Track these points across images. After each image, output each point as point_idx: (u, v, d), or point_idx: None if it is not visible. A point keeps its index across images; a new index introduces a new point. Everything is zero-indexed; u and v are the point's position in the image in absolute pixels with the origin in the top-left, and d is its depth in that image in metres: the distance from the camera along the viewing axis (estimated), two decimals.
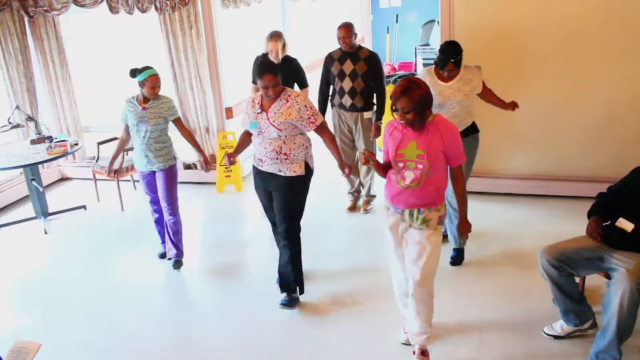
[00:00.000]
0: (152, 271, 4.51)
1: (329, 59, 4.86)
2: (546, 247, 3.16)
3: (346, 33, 4.66)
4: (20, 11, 5.99)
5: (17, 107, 5.82)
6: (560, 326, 3.26)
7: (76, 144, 5.50)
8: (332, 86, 4.90)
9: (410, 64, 8.71)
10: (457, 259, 4.22)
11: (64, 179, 6.84)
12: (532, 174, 5.19)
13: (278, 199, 3.71)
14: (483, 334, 3.38)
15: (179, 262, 4.46)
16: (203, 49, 5.80)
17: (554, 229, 4.49)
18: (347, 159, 4.93)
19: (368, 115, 4.88)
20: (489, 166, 5.07)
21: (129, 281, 4.40)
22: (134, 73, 4.17)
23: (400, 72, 7.48)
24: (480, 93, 4.11)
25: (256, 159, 3.75)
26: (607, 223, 3.13)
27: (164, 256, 4.60)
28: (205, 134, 6.11)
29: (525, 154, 5.14)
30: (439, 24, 5.13)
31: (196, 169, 6.31)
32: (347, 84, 4.76)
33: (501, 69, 4.84)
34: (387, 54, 9.60)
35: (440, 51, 3.94)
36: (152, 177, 4.38)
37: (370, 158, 3.03)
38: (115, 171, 5.54)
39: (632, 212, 3.00)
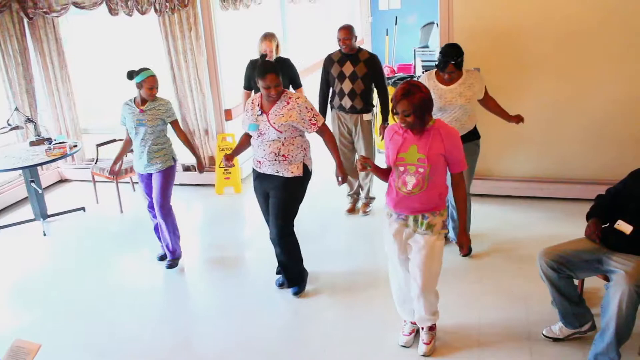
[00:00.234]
0: (151, 273, 4.51)
1: (329, 61, 4.86)
2: (545, 250, 3.16)
3: (346, 35, 4.66)
4: (20, 13, 5.99)
5: (16, 109, 5.82)
6: (559, 328, 3.26)
7: (75, 146, 5.49)
8: (331, 88, 4.90)
9: (410, 66, 8.70)
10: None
11: (63, 181, 6.83)
12: (531, 176, 5.19)
13: (273, 198, 3.72)
14: (482, 336, 3.38)
15: (174, 262, 4.49)
16: (202, 51, 5.80)
17: (553, 231, 4.50)
18: (346, 161, 4.94)
19: (368, 117, 4.88)
20: (489, 168, 5.07)
21: (128, 283, 4.39)
22: (131, 75, 4.17)
23: (400, 74, 7.47)
24: (482, 100, 4.10)
25: (255, 161, 3.76)
26: (606, 225, 3.13)
27: (163, 258, 4.60)
28: (205, 136, 6.12)
29: (524, 156, 5.14)
30: (438, 26, 5.14)
31: (195, 170, 6.31)
32: (346, 85, 4.76)
33: (500, 70, 4.85)
34: (386, 56, 9.60)
35: (441, 53, 3.95)
36: (150, 180, 4.39)
37: (366, 164, 3.04)
38: (116, 172, 5.54)
39: (631, 215, 3.00)
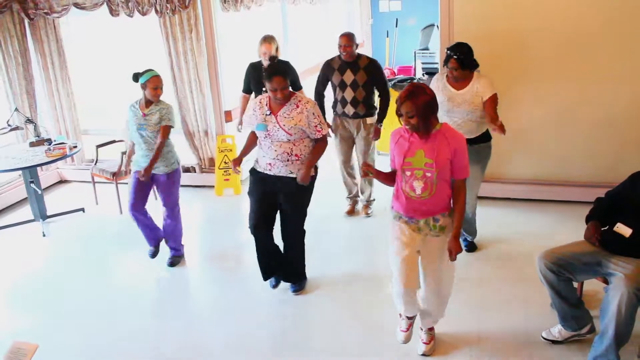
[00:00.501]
0: (151, 273, 4.51)
1: (328, 68, 4.83)
2: (544, 252, 3.16)
3: (347, 42, 4.63)
4: (21, 13, 6.00)
5: (16, 110, 5.82)
6: (558, 331, 3.26)
7: (75, 147, 5.49)
8: (333, 95, 4.88)
9: (410, 68, 8.72)
10: (470, 246, 4.41)
11: (62, 182, 6.83)
12: (530, 178, 5.19)
13: (291, 200, 3.74)
14: (481, 338, 3.38)
15: (175, 259, 4.53)
16: (203, 52, 5.81)
17: (552, 233, 4.50)
18: (345, 155, 5.04)
19: (371, 120, 4.89)
20: (488, 171, 5.04)
21: (127, 283, 4.39)
22: (136, 77, 4.17)
23: (400, 76, 7.48)
24: (484, 103, 3.98)
25: (263, 164, 3.71)
26: (606, 228, 3.13)
27: (155, 254, 4.60)
28: (204, 137, 6.12)
29: (524, 159, 5.14)
30: (438, 28, 5.14)
31: (195, 172, 6.32)
32: (348, 94, 4.76)
33: (501, 73, 4.83)
34: (387, 58, 9.63)
35: (447, 49, 3.96)
36: (147, 181, 4.33)
37: (368, 171, 3.05)
38: (114, 174, 5.54)
39: (630, 217, 3.00)
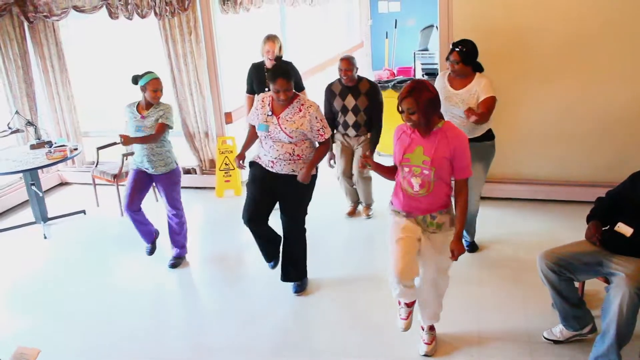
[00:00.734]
0: (152, 275, 4.51)
1: (330, 93, 4.86)
2: (545, 252, 3.16)
3: (348, 66, 4.64)
4: (20, 17, 6.00)
5: (17, 112, 5.83)
6: (559, 331, 3.26)
7: (75, 149, 5.50)
8: (335, 118, 4.88)
9: (409, 69, 8.71)
10: (471, 247, 4.40)
11: (63, 184, 6.84)
12: (531, 178, 5.20)
13: (291, 198, 3.77)
14: (482, 338, 3.38)
15: (177, 260, 4.58)
16: (202, 54, 5.81)
17: (553, 233, 4.51)
18: (345, 166, 5.05)
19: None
20: (489, 171, 5.06)
21: (128, 285, 4.39)
22: (135, 80, 4.17)
23: (399, 77, 7.47)
24: (480, 103, 3.97)
25: (265, 161, 3.74)
26: (606, 228, 3.13)
27: (152, 251, 4.64)
28: (205, 139, 6.12)
29: (524, 158, 5.14)
30: (437, 29, 5.15)
31: (195, 173, 6.32)
32: (350, 118, 4.81)
33: (500, 73, 4.83)
34: (386, 59, 9.62)
35: (452, 43, 4.00)
36: (145, 176, 4.32)
37: (367, 163, 3.05)
38: (115, 176, 5.55)
39: (631, 217, 3.01)
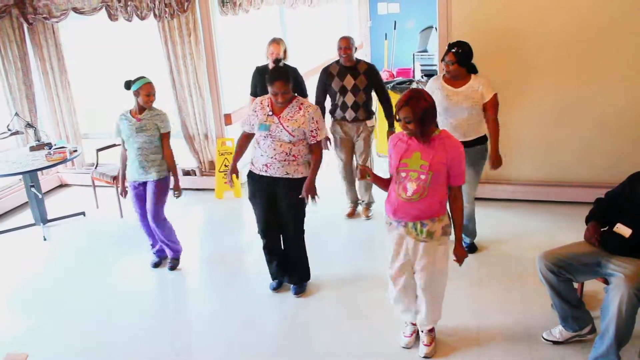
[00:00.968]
0: (151, 278, 4.51)
1: (327, 75, 4.84)
2: (544, 253, 3.17)
3: (347, 44, 4.69)
4: (20, 18, 6.01)
5: (17, 114, 5.83)
6: (559, 331, 3.27)
7: (75, 151, 5.50)
8: (332, 101, 4.88)
9: (409, 70, 8.72)
10: (470, 247, 4.41)
11: (63, 186, 6.84)
12: (530, 179, 5.20)
13: (288, 201, 3.76)
14: (482, 339, 3.38)
15: (176, 260, 4.57)
16: (202, 55, 5.82)
17: (552, 234, 4.51)
18: (345, 157, 5.05)
19: (371, 123, 4.94)
20: (488, 172, 5.06)
21: (127, 288, 4.39)
22: (128, 85, 4.18)
23: (399, 78, 7.48)
24: (485, 108, 4.02)
25: (259, 165, 3.74)
26: (605, 229, 3.14)
27: (157, 265, 4.62)
28: (204, 141, 6.13)
29: (523, 160, 5.15)
30: (436, 30, 5.15)
31: (195, 175, 6.33)
32: (349, 98, 4.79)
33: (499, 74, 4.84)
34: (385, 60, 9.63)
35: (449, 44, 4.04)
36: (143, 189, 4.36)
37: (367, 173, 3.08)
38: (115, 178, 5.55)
39: (630, 218, 3.01)
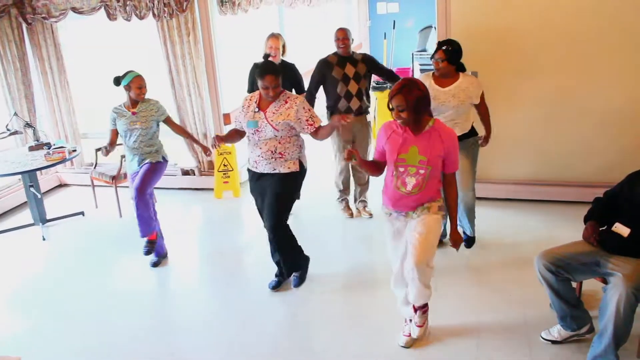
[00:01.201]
0: (150, 277, 4.51)
1: (326, 65, 4.84)
2: (543, 252, 3.17)
3: (345, 34, 4.75)
4: (19, 18, 6.01)
5: (15, 114, 5.83)
6: (557, 331, 3.27)
7: (74, 151, 5.50)
8: (333, 92, 4.84)
9: (408, 69, 8.74)
10: (468, 241, 4.42)
11: (62, 186, 6.84)
12: (528, 179, 5.20)
13: (269, 194, 3.77)
14: (480, 339, 3.38)
15: (150, 245, 4.43)
16: (201, 55, 5.82)
17: (550, 233, 4.51)
18: (345, 167, 5.04)
19: (369, 117, 5.02)
20: (486, 171, 5.08)
21: (126, 287, 4.39)
22: (117, 81, 4.21)
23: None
24: (478, 106, 4.14)
25: (251, 161, 3.81)
26: (604, 228, 3.14)
27: (156, 265, 4.61)
28: (203, 140, 6.12)
29: (522, 159, 5.15)
30: (436, 29, 5.16)
31: (194, 174, 6.33)
32: (353, 86, 4.80)
33: (498, 73, 4.86)
34: (385, 60, 9.63)
35: (438, 42, 4.06)
36: None
37: (353, 155, 3.06)
38: (114, 177, 5.55)
39: (628, 217, 3.01)
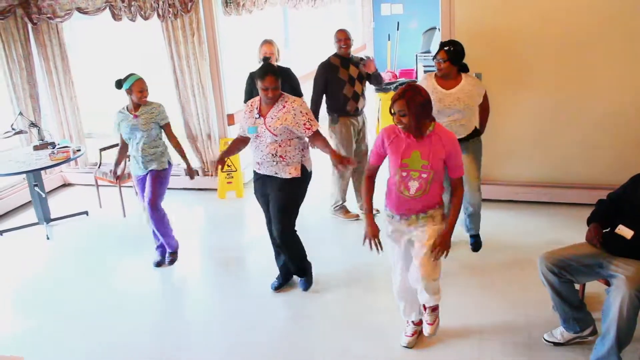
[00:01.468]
0: (153, 277, 4.53)
1: (330, 67, 4.81)
2: (546, 254, 3.17)
3: (347, 35, 4.77)
4: (24, 18, 6.04)
5: (20, 113, 5.86)
6: (560, 333, 3.27)
7: (78, 150, 5.53)
8: (339, 94, 4.81)
9: (411, 71, 8.74)
10: (475, 245, 4.40)
11: (66, 185, 6.86)
12: (532, 181, 5.20)
13: (273, 200, 3.78)
14: (483, 340, 3.38)
15: (174, 254, 4.61)
16: (205, 55, 5.83)
17: (553, 235, 4.51)
18: (343, 176, 5.04)
19: (365, 118, 5.11)
20: (490, 173, 5.08)
21: (129, 286, 4.41)
22: (119, 84, 4.21)
23: (402, 79, 7.51)
24: (482, 104, 4.16)
25: (254, 162, 3.83)
26: (607, 230, 3.14)
27: (160, 264, 4.63)
28: (207, 141, 6.14)
29: (525, 160, 5.15)
30: (439, 31, 5.16)
31: (197, 175, 6.33)
32: (358, 87, 4.84)
33: (501, 76, 4.86)
34: (388, 61, 9.64)
35: (441, 42, 4.07)
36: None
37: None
38: (118, 177, 5.56)
39: (632, 219, 3.01)
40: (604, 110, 4.80)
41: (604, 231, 3.13)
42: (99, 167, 5.85)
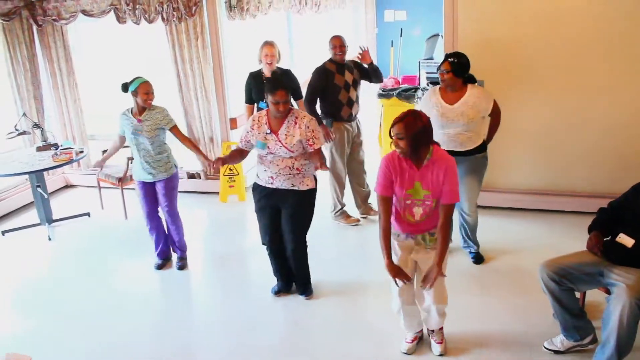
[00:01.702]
0: (155, 279, 4.53)
1: (326, 73, 4.82)
2: (547, 262, 3.17)
3: (342, 42, 4.78)
4: (29, 20, 6.07)
5: (24, 114, 5.88)
6: (560, 341, 3.26)
7: (81, 152, 5.54)
8: (334, 100, 4.84)
9: (414, 77, 8.73)
10: (477, 258, 4.38)
11: (68, 186, 6.88)
12: (533, 188, 5.20)
13: (290, 213, 3.78)
14: (483, 348, 3.38)
15: (184, 262, 4.63)
16: (209, 59, 5.86)
17: (554, 243, 4.51)
18: (340, 173, 5.07)
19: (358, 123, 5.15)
20: (491, 180, 5.08)
21: (131, 289, 4.41)
22: (125, 87, 4.22)
23: (404, 85, 7.50)
24: (490, 114, 4.10)
25: (265, 177, 3.77)
26: (608, 238, 3.14)
27: (161, 267, 4.65)
28: (210, 144, 6.16)
29: (527, 168, 5.16)
30: (443, 38, 5.18)
31: (200, 178, 6.35)
32: (353, 93, 4.87)
33: (503, 82, 4.88)
34: (391, 68, 9.64)
35: (446, 54, 4.06)
36: (151, 188, 4.42)
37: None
38: (120, 179, 5.58)
39: (633, 228, 3.01)
40: (606, 119, 4.81)
41: (604, 239, 3.13)
42: (101, 169, 5.85)
